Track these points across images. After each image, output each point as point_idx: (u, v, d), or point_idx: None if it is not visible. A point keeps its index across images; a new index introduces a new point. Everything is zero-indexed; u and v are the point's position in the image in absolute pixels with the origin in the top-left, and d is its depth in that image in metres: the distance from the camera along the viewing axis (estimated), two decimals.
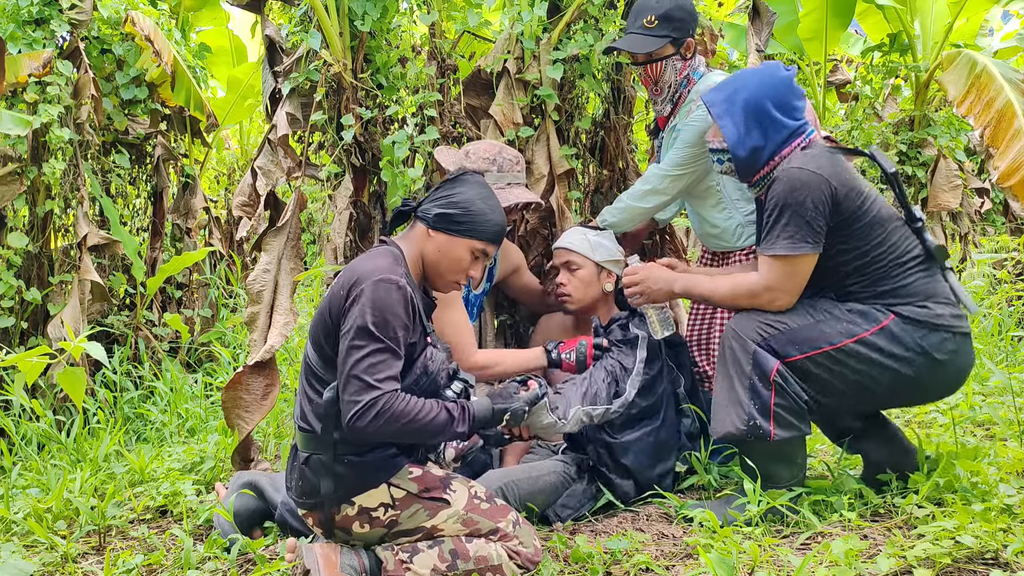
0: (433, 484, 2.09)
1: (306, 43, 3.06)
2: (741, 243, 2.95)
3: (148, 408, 4.22)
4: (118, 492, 3.03)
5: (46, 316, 4.59)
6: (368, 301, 1.95)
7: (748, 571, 2.04)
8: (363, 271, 2.01)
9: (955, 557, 1.98)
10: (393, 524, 2.06)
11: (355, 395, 1.92)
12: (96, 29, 4.88)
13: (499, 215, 2.15)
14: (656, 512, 2.59)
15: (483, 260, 2.16)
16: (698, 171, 2.88)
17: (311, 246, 6.68)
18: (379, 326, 1.95)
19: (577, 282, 2.85)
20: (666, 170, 2.88)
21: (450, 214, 2.11)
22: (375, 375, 1.93)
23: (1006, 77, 4.61)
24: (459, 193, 2.13)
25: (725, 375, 2.40)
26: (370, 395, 1.91)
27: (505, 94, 3.14)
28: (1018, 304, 4.84)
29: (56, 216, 4.77)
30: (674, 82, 2.87)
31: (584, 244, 2.87)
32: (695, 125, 2.81)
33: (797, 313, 2.37)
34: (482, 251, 2.14)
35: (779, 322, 2.36)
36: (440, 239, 2.12)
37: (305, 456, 2.09)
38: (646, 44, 2.80)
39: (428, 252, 2.14)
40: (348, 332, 1.97)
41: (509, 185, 2.75)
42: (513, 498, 2.50)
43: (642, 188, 2.94)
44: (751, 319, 2.38)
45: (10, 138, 4.26)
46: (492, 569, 2.04)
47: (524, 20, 3.12)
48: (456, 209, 2.10)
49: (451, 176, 2.20)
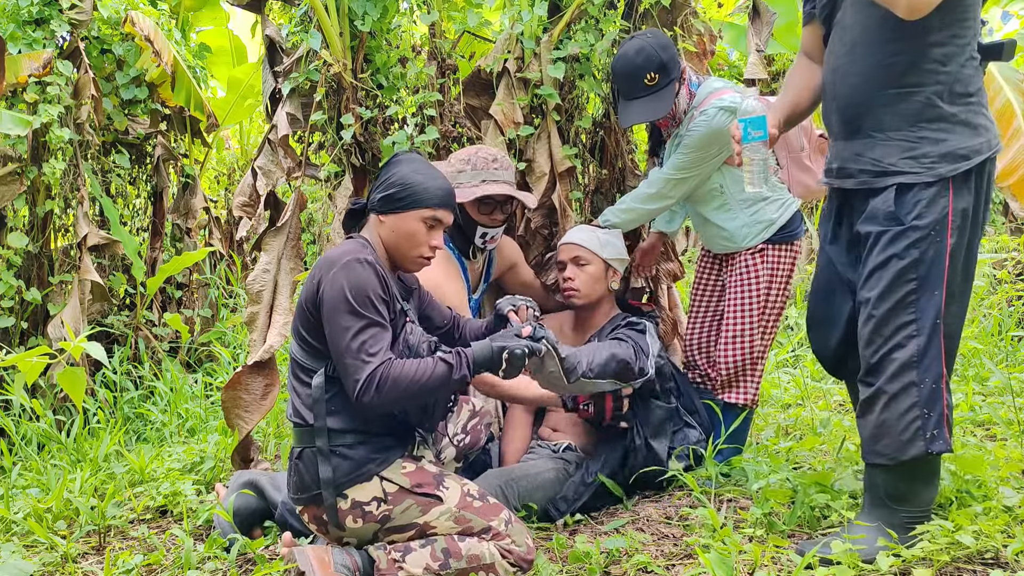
0: (426, 480, 2.10)
1: (306, 43, 3.06)
2: (748, 243, 2.96)
3: (148, 408, 4.23)
4: (118, 492, 3.04)
5: (46, 316, 4.59)
6: (344, 282, 2.01)
7: (748, 571, 2.04)
8: (331, 257, 2.08)
9: (954, 556, 1.98)
10: (386, 519, 2.06)
11: (354, 375, 1.98)
12: (96, 29, 4.88)
13: (438, 181, 2.19)
14: (656, 512, 2.59)
15: (439, 227, 2.20)
16: (702, 175, 2.90)
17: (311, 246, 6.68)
18: (360, 303, 2.00)
19: (585, 277, 2.86)
20: (670, 174, 2.90)
21: (390, 194, 2.16)
22: (368, 351, 1.98)
23: (1005, 77, 4.61)
24: (394, 173, 2.19)
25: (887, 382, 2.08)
26: (367, 370, 1.97)
27: (505, 94, 3.14)
28: (1018, 304, 4.84)
29: (56, 216, 4.77)
30: (686, 105, 2.92)
31: (593, 241, 2.88)
32: (698, 130, 2.83)
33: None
34: (432, 217, 2.17)
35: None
36: (390, 220, 2.17)
37: (299, 451, 2.11)
38: (664, 105, 2.82)
39: (384, 237, 2.19)
40: (332, 316, 2.01)
41: (484, 182, 2.75)
42: (512, 497, 2.50)
43: (646, 191, 2.95)
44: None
45: (10, 138, 4.26)
46: (485, 568, 2.05)
47: (524, 20, 3.12)
48: (394, 188, 2.16)
49: (385, 162, 2.26)
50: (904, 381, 2.05)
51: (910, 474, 2.07)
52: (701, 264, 3.21)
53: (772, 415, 3.72)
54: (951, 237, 2.04)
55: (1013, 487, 2.33)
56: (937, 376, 2.04)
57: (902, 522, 2.06)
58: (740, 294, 2.98)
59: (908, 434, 2.03)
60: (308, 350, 2.11)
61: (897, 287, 2.06)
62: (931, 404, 2.03)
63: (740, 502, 2.61)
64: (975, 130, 2.06)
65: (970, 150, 2.05)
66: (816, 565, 1.97)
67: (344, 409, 2.08)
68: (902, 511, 2.07)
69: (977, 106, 2.07)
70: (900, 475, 2.07)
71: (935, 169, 2.05)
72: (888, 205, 2.08)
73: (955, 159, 2.05)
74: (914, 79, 2.06)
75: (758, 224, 2.95)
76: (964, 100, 2.06)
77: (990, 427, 3.22)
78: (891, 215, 2.08)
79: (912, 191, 2.06)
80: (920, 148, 2.06)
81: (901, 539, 2.01)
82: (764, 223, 2.95)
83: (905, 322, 2.06)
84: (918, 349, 2.04)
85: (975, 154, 2.05)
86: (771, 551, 2.11)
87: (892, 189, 2.08)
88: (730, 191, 2.94)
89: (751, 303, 2.95)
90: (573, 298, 2.88)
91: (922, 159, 2.06)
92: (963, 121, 2.05)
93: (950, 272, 2.06)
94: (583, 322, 2.95)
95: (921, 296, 2.05)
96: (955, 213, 2.05)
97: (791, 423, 3.52)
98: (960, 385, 3.65)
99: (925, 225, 2.04)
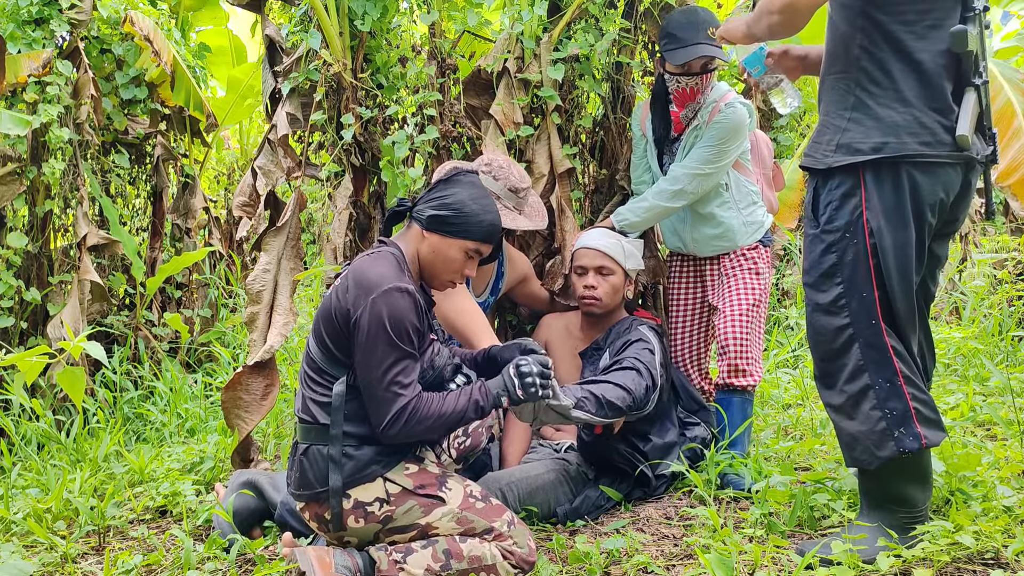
0: (429, 481, 2.10)
1: (306, 43, 3.06)
2: (743, 242, 3.03)
3: (148, 408, 4.22)
4: (118, 492, 3.03)
5: (46, 316, 4.59)
6: (384, 312, 2.00)
7: (749, 572, 2.04)
8: (372, 279, 2.04)
9: (954, 556, 1.98)
10: (388, 520, 2.06)
11: (383, 407, 2.00)
12: (96, 29, 4.88)
13: (491, 215, 2.17)
14: (656, 513, 2.59)
15: (476, 258, 2.19)
16: (722, 170, 2.94)
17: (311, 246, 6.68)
18: (398, 335, 2.00)
19: (608, 287, 2.83)
20: (695, 168, 2.91)
21: (443, 216, 2.13)
22: (400, 384, 2.00)
23: (1006, 77, 4.61)
24: (452, 194, 2.15)
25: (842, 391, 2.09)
26: (398, 404, 1.99)
27: (505, 94, 3.14)
28: (1018, 304, 4.84)
29: (56, 216, 4.77)
30: (708, 90, 2.96)
31: (619, 250, 2.85)
32: (727, 122, 2.88)
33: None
34: (475, 250, 2.16)
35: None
36: (434, 240, 2.15)
37: (304, 447, 2.10)
38: (722, 55, 2.88)
39: (423, 253, 2.17)
40: (367, 344, 2.00)
41: (515, 209, 2.78)
42: (513, 499, 2.50)
43: (670, 188, 2.95)
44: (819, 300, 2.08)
45: (10, 138, 4.26)
46: (486, 569, 2.05)
47: (524, 20, 3.12)
48: (449, 211, 2.13)
49: (444, 177, 2.22)
50: (859, 385, 2.03)
51: (899, 475, 2.06)
52: (677, 276, 3.22)
53: (772, 415, 3.72)
54: (869, 237, 2.01)
55: (1013, 487, 2.33)
56: (892, 374, 2.01)
57: (900, 522, 2.06)
58: (740, 281, 3.02)
59: (875, 436, 2.02)
60: (328, 356, 2.10)
61: (827, 290, 2.07)
62: (892, 402, 2.01)
63: (740, 502, 2.61)
64: (885, 126, 2.00)
65: (871, 146, 2.00)
66: (816, 565, 1.97)
67: (357, 416, 2.08)
68: (900, 511, 2.07)
69: (898, 102, 1.99)
70: (889, 477, 2.07)
71: (825, 159, 2.04)
72: (808, 202, 2.11)
73: (849, 151, 2.01)
74: (839, 66, 2.07)
75: (752, 224, 3.06)
76: (880, 92, 2.01)
77: (990, 427, 3.22)
78: (811, 216, 2.10)
79: (825, 190, 2.06)
80: (823, 135, 2.07)
81: (901, 539, 2.01)
82: (756, 224, 3.07)
83: (840, 326, 2.05)
84: (860, 352, 2.02)
85: (875, 151, 1.99)
86: (771, 551, 2.11)
87: (810, 186, 2.10)
88: (733, 189, 3.00)
89: (751, 288, 2.99)
90: (593, 307, 2.85)
91: (819, 145, 2.07)
92: (875, 115, 2.01)
93: (881, 272, 2.02)
94: (591, 324, 2.93)
95: (851, 299, 2.03)
96: (871, 214, 2.00)
97: (791, 423, 3.52)
98: (960, 385, 3.65)
99: (837, 228, 2.03)
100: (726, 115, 2.88)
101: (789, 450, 3.03)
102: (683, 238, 3.14)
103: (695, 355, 3.18)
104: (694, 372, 3.17)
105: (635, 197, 3.13)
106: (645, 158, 3.15)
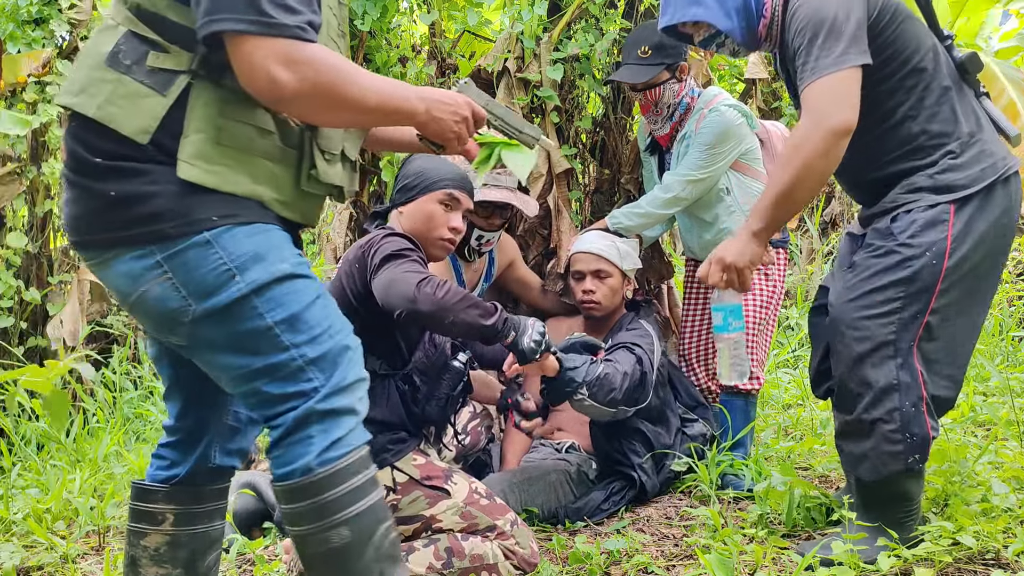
0: (435, 473, 2.10)
1: None
2: None
3: (148, 408, 4.22)
4: (118, 492, 3.03)
5: (45, 316, 4.59)
6: (385, 243, 2.04)
7: (749, 572, 2.04)
8: (369, 239, 2.11)
9: (956, 557, 1.98)
10: (393, 509, 2.06)
11: (410, 279, 1.93)
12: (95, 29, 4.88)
13: (449, 165, 2.23)
14: (656, 513, 2.59)
15: (458, 208, 2.23)
16: (716, 175, 2.91)
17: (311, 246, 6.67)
18: (402, 250, 2.03)
19: (606, 290, 2.85)
20: (688, 175, 2.90)
21: (405, 184, 2.24)
22: (416, 271, 1.96)
23: (1008, 77, 4.61)
24: (406, 167, 2.27)
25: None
26: (422, 274, 1.95)
27: (505, 93, 3.14)
28: (1018, 304, 4.84)
29: (55, 216, 4.76)
30: (672, 103, 2.95)
31: (614, 252, 2.86)
32: (708, 129, 2.86)
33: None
34: (448, 196, 2.20)
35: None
36: (408, 208, 2.22)
37: None
38: (642, 74, 2.90)
39: (406, 226, 2.22)
40: (379, 266, 2.01)
41: (485, 186, 2.77)
42: (515, 502, 2.49)
43: (664, 196, 2.94)
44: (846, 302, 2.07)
45: (10, 138, 4.26)
46: (488, 568, 2.04)
47: (524, 19, 3.12)
48: (408, 178, 2.23)
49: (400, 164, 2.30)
50: (884, 409, 2.00)
51: (899, 476, 2.05)
52: (691, 277, 3.21)
53: (772, 415, 3.72)
54: (948, 259, 2.00)
55: (1013, 487, 2.32)
56: (918, 399, 2.00)
57: (898, 519, 2.06)
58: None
59: (885, 456, 2.01)
60: None
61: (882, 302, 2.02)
62: (914, 428, 1.99)
63: (740, 502, 2.61)
64: (962, 169, 2.04)
65: (965, 182, 2.03)
66: (816, 566, 1.97)
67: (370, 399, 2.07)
68: (897, 508, 2.06)
69: (960, 143, 2.05)
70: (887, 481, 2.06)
71: (929, 199, 2.05)
72: (885, 224, 2.08)
73: (950, 190, 2.03)
74: (893, 153, 2.09)
75: None
76: (943, 145, 2.05)
77: (990, 427, 3.22)
78: (886, 226, 2.07)
79: (910, 213, 2.05)
80: (916, 185, 2.08)
81: (901, 539, 2.01)
82: None
83: (885, 341, 2.01)
84: (896, 372, 2.00)
85: (972, 184, 2.03)
86: (772, 552, 2.10)
87: (891, 213, 2.09)
88: (736, 192, 2.97)
89: (758, 290, 2.96)
90: (594, 311, 2.87)
91: (918, 192, 2.07)
92: (949, 167, 2.04)
93: (941, 298, 2.02)
94: (593, 326, 2.93)
95: (904, 314, 2.01)
96: (955, 236, 2.01)
97: (791, 423, 3.52)
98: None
99: (919, 244, 2.01)
100: (711, 120, 2.87)
101: (789, 450, 3.03)
102: (690, 246, 3.14)
103: (702, 355, 3.17)
104: (701, 372, 3.15)
105: (632, 202, 3.12)
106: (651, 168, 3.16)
